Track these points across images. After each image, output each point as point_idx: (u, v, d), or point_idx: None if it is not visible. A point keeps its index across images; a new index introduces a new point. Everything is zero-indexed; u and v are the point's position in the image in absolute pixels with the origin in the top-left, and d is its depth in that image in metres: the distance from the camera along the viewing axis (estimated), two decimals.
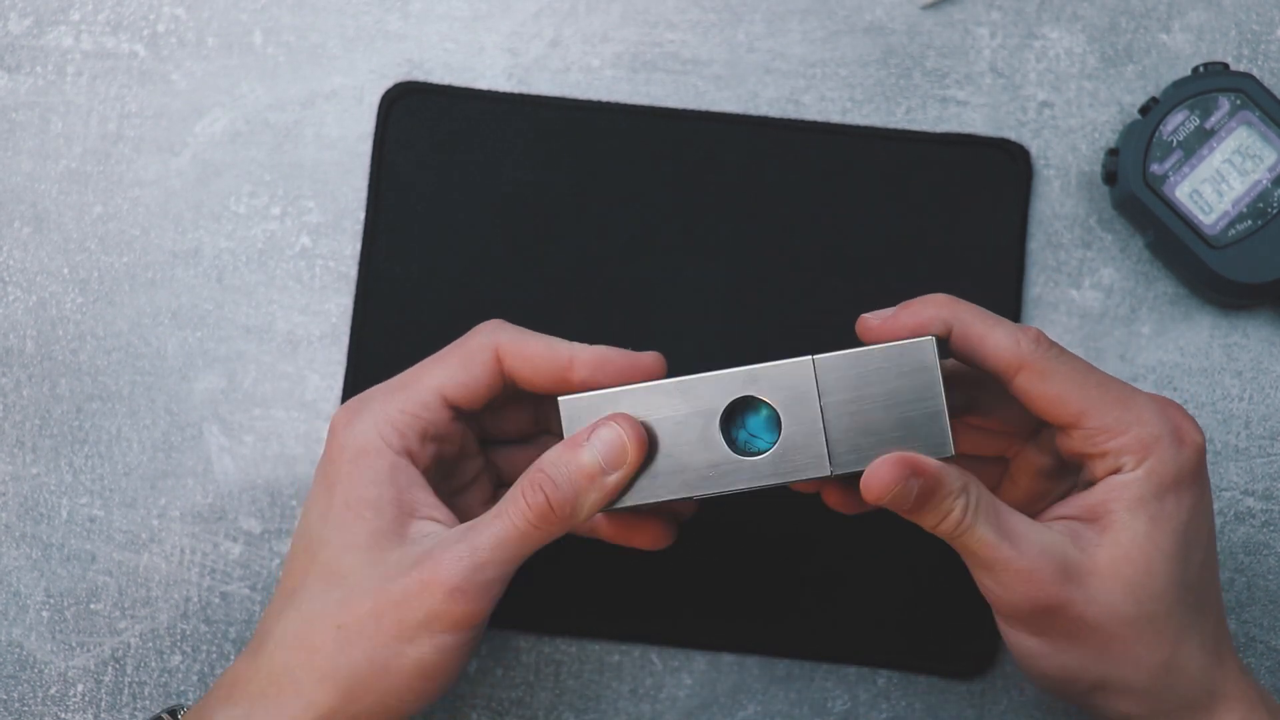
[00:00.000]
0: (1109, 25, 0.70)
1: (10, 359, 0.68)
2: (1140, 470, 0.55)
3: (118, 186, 0.69)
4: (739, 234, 0.68)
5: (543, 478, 0.55)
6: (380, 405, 0.58)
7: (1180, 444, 0.55)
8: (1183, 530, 0.55)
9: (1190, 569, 0.55)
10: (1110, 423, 0.55)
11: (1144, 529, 0.55)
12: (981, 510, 0.54)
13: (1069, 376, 0.55)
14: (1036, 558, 0.54)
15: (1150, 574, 0.55)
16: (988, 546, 0.54)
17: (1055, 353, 0.56)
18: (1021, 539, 0.55)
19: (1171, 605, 0.55)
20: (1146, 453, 0.55)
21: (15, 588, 0.67)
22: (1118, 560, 0.55)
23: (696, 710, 0.67)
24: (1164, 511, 0.55)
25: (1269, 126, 0.67)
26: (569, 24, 0.70)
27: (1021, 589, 0.54)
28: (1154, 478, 0.55)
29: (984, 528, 0.54)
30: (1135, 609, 0.55)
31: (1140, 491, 0.55)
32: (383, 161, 0.69)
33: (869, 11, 0.70)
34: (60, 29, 0.70)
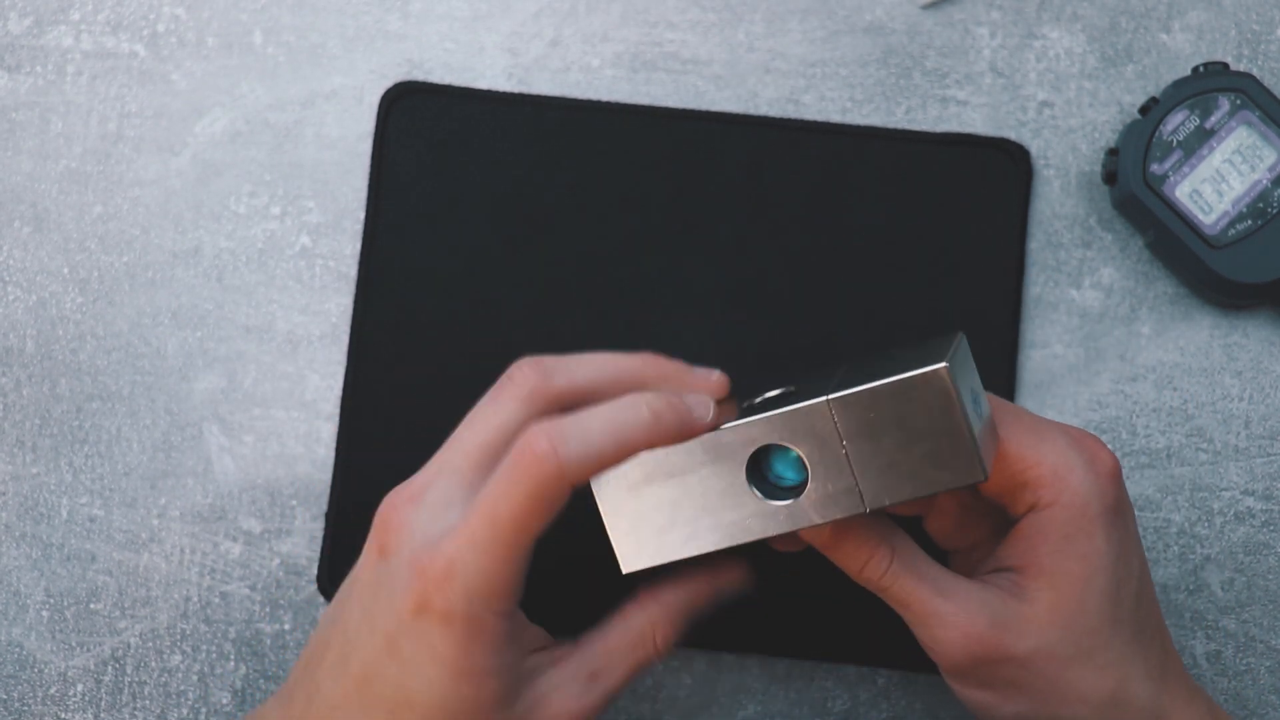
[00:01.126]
0: (1109, 25, 0.70)
1: (10, 359, 0.68)
2: (1057, 507, 0.54)
3: (118, 186, 0.69)
4: (739, 234, 0.68)
5: (675, 631, 0.57)
6: (478, 574, 0.52)
7: (1095, 473, 0.54)
8: (1112, 563, 0.54)
9: (1124, 600, 0.55)
10: (1024, 452, 0.54)
11: (1073, 568, 0.54)
12: (910, 562, 0.55)
13: None
14: (969, 610, 0.54)
15: (1085, 612, 0.54)
16: (919, 600, 0.55)
17: None
18: (953, 594, 0.55)
19: (1110, 639, 0.55)
20: (1061, 483, 0.54)
21: (15, 587, 0.67)
22: (1051, 604, 0.54)
23: (696, 710, 0.67)
24: (1090, 547, 0.54)
25: (1269, 126, 0.67)
26: (569, 24, 0.70)
27: (959, 642, 0.54)
28: (1073, 510, 0.54)
29: (913, 580, 0.55)
30: (1074, 648, 0.54)
31: (1062, 530, 0.54)
32: (383, 161, 0.69)
33: (869, 11, 0.70)
34: (60, 29, 0.70)
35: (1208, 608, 0.67)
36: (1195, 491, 0.68)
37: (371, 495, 0.67)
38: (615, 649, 0.57)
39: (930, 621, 0.55)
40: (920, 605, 0.55)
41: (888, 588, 0.55)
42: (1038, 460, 0.54)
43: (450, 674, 0.52)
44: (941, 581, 0.55)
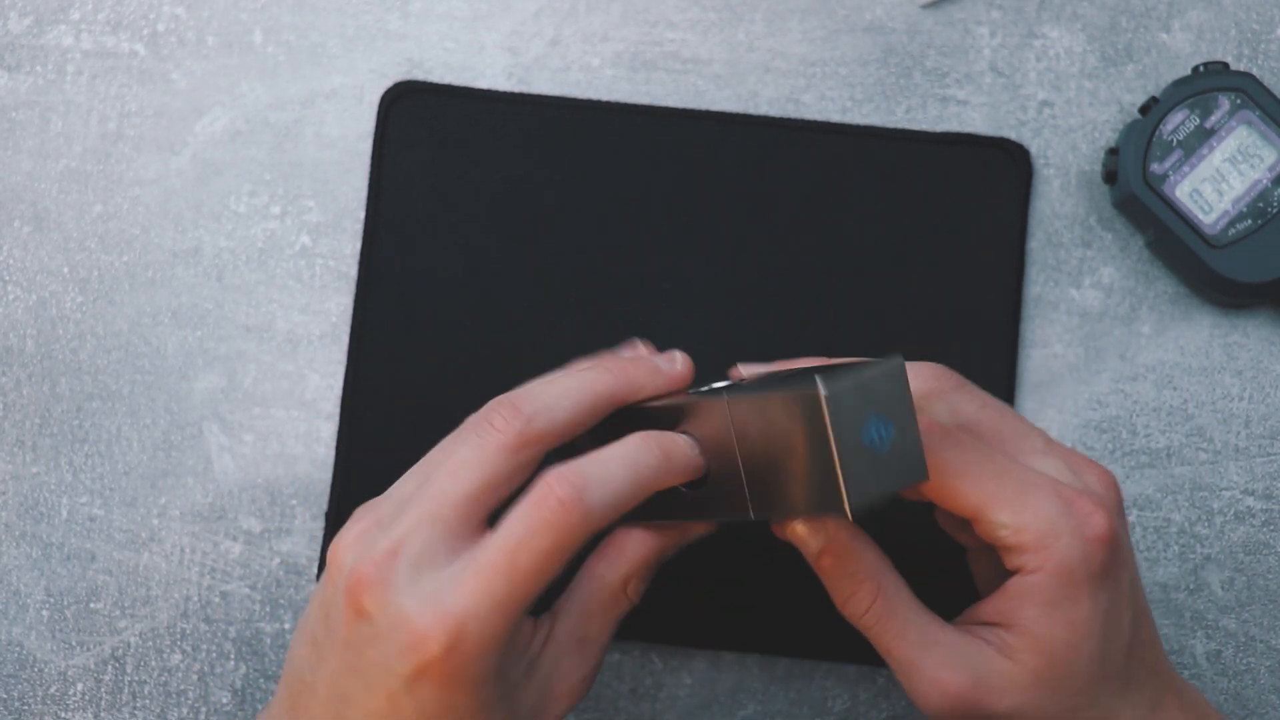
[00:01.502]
0: (1109, 24, 0.70)
1: (10, 358, 0.68)
2: (1043, 574, 0.53)
3: (118, 186, 0.69)
4: (738, 233, 0.68)
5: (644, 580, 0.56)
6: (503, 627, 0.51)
7: (1083, 539, 0.53)
8: (1100, 626, 0.53)
9: (1113, 657, 0.54)
10: (1008, 519, 0.53)
11: (1060, 635, 0.53)
12: (896, 607, 0.54)
13: (958, 471, 0.53)
14: (951, 665, 0.53)
15: (1071, 676, 0.53)
16: (901, 649, 0.54)
17: (948, 444, 0.53)
18: (934, 645, 0.54)
19: (1095, 695, 0.54)
20: (1047, 551, 0.53)
21: (15, 587, 0.67)
22: (1036, 668, 0.53)
23: (696, 710, 0.67)
24: (1077, 614, 0.53)
25: (1269, 126, 0.67)
26: (569, 23, 0.70)
27: (937, 697, 0.54)
28: (1059, 577, 0.53)
29: (898, 626, 0.54)
30: (1059, 708, 0.54)
31: (1048, 596, 0.53)
32: (383, 161, 0.69)
33: (869, 10, 0.70)
34: (60, 28, 0.70)
35: (1208, 608, 0.67)
36: (1195, 491, 0.68)
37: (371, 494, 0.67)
38: (594, 610, 0.56)
39: (910, 672, 0.54)
40: (902, 653, 0.54)
41: (869, 628, 0.55)
42: (1022, 526, 0.53)
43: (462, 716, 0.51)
44: (926, 631, 0.54)
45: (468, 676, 0.50)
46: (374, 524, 0.53)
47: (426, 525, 0.51)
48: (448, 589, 0.50)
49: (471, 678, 0.51)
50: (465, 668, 0.50)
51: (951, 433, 0.53)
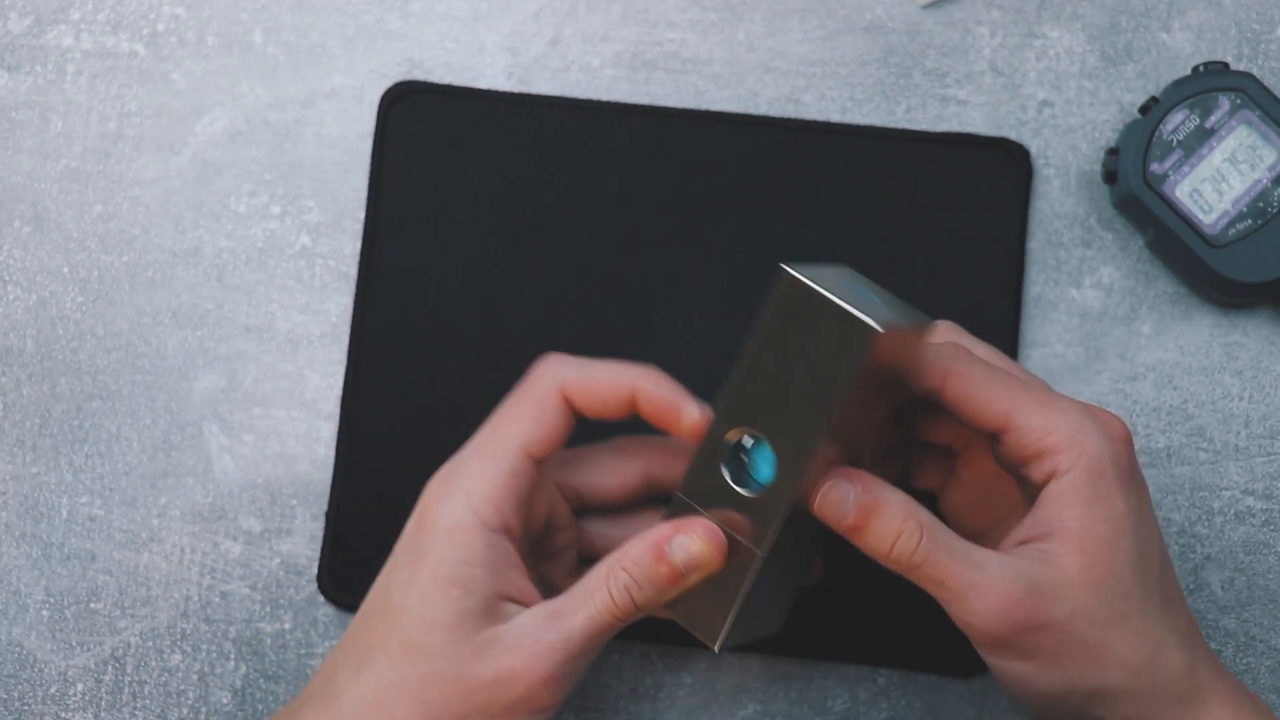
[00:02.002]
0: (1109, 24, 0.70)
1: (10, 358, 0.68)
2: (1077, 471, 0.55)
3: (118, 186, 0.69)
4: (739, 233, 0.68)
5: (629, 580, 0.56)
6: (474, 478, 0.57)
7: (1109, 437, 0.55)
8: (1134, 527, 0.55)
9: (1149, 565, 0.56)
10: (1039, 422, 0.55)
11: (1101, 530, 0.55)
12: (940, 537, 0.55)
13: (989, 379, 0.56)
14: (1006, 580, 0.54)
15: (1116, 574, 0.55)
16: (954, 574, 0.54)
17: (977, 358, 0.56)
18: (987, 564, 0.55)
19: (1142, 603, 0.55)
20: (1079, 448, 0.55)
21: (15, 587, 0.67)
22: (1083, 566, 0.54)
23: (696, 709, 0.67)
24: (1113, 510, 0.55)
25: (1269, 126, 0.67)
26: (569, 23, 0.70)
27: (999, 611, 0.54)
28: (1092, 473, 0.55)
29: (945, 555, 0.54)
30: (1109, 611, 0.55)
31: (1085, 493, 0.55)
32: (383, 160, 0.69)
33: (869, 10, 0.70)
34: (60, 28, 0.70)
35: (1208, 608, 0.67)
36: (1195, 491, 0.68)
37: (371, 494, 0.68)
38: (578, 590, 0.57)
39: (967, 594, 0.54)
40: (955, 578, 0.54)
41: (919, 564, 0.54)
42: (1052, 428, 0.55)
43: (424, 579, 0.56)
44: (973, 554, 0.55)
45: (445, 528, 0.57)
46: None
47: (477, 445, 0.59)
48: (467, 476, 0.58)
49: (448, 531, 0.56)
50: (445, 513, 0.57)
51: (975, 354, 0.56)
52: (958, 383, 0.56)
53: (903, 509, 0.55)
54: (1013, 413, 0.55)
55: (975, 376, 0.56)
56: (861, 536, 0.55)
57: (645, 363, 0.59)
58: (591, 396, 0.58)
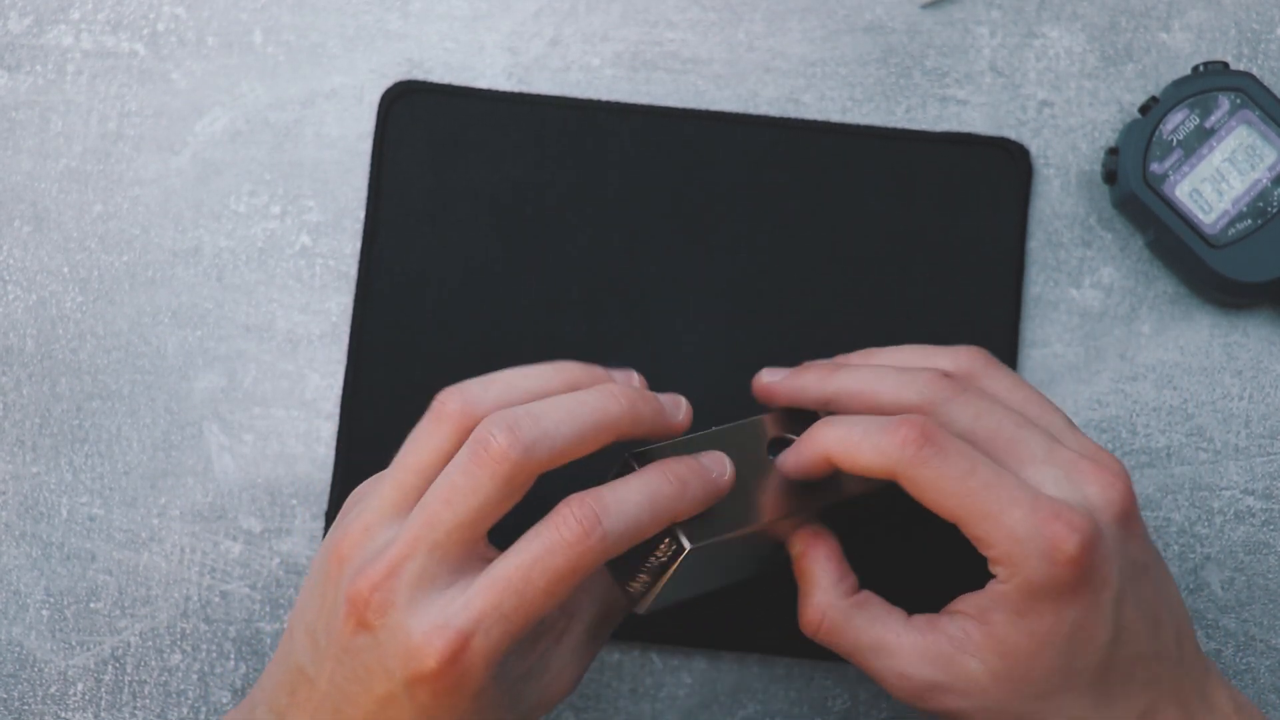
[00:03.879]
0: (1109, 24, 0.70)
1: (10, 358, 0.68)
2: (1010, 585, 0.54)
3: (118, 185, 0.69)
4: (739, 233, 0.68)
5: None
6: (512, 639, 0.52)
7: (1051, 562, 0.53)
8: (1063, 640, 0.54)
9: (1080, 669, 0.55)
10: (979, 535, 0.54)
11: (1022, 642, 0.54)
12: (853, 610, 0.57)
13: (938, 484, 0.54)
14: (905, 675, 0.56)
15: (1027, 679, 0.55)
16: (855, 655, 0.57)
17: (926, 455, 0.54)
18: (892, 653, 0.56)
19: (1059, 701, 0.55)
20: (1014, 568, 0.54)
21: (15, 586, 0.67)
22: (996, 671, 0.55)
23: (696, 709, 0.67)
24: (1040, 625, 0.54)
25: (1269, 125, 0.67)
26: (569, 23, 0.70)
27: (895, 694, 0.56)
28: (1023, 592, 0.54)
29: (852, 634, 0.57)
30: (1018, 705, 0.55)
31: (1014, 606, 0.54)
32: (383, 160, 0.69)
33: (869, 10, 0.70)
34: (60, 28, 0.70)
35: (1208, 607, 0.67)
36: (1195, 491, 0.68)
37: None
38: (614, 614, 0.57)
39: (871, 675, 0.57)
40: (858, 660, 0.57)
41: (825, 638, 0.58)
42: (993, 543, 0.54)
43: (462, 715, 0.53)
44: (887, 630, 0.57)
45: (467, 685, 0.52)
46: (364, 532, 0.54)
47: (424, 552, 0.52)
48: (454, 605, 0.52)
49: (471, 686, 0.52)
50: (464, 678, 0.52)
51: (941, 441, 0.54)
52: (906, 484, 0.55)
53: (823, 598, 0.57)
54: (960, 520, 0.54)
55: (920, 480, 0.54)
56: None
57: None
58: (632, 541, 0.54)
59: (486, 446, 0.52)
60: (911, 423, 0.54)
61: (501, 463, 0.52)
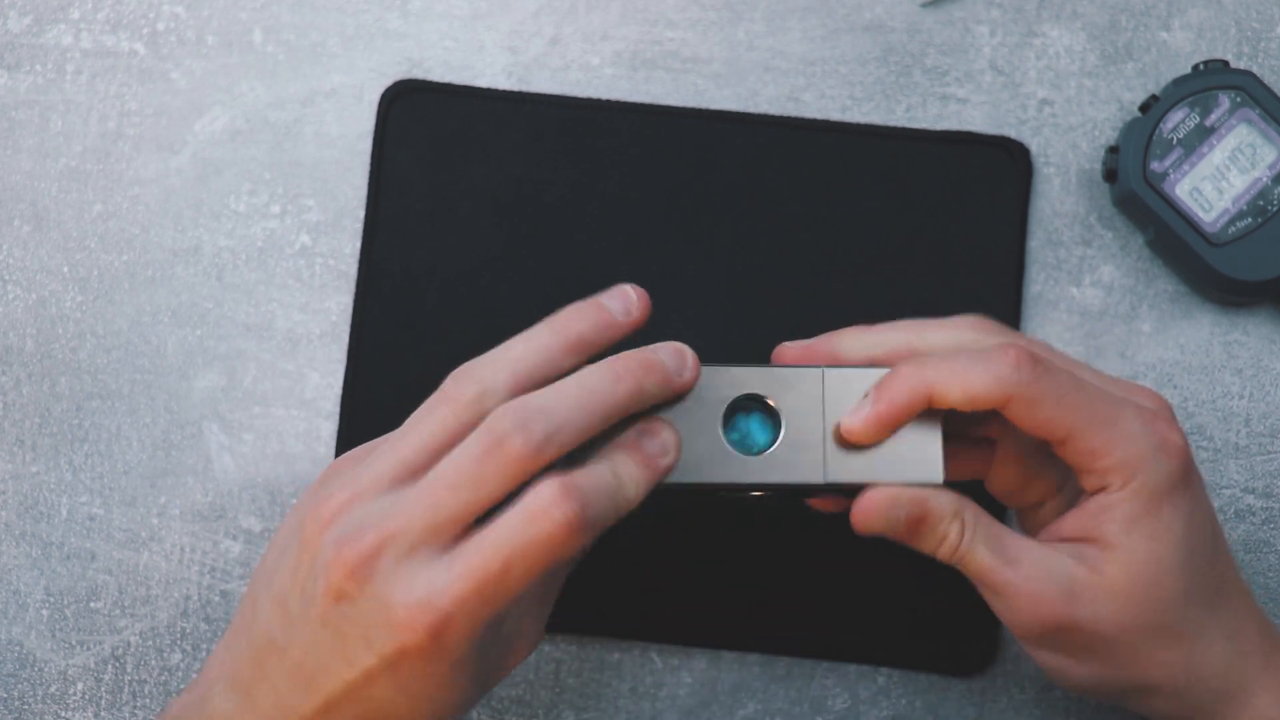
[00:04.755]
0: (1109, 23, 0.70)
1: (10, 357, 0.68)
2: (1127, 490, 0.55)
3: (117, 185, 0.69)
4: (739, 232, 0.68)
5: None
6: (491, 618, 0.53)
7: (1166, 457, 0.55)
8: (1181, 539, 0.55)
9: (1195, 572, 0.56)
10: (1096, 445, 0.55)
11: (1143, 546, 0.55)
12: (980, 533, 0.56)
13: (1055, 399, 0.55)
14: (1040, 580, 0.55)
15: (1156, 585, 0.55)
16: (989, 571, 0.56)
17: (1039, 372, 0.55)
18: (1023, 562, 0.55)
19: (1182, 610, 0.55)
20: (1132, 474, 0.55)
21: (15, 586, 0.67)
22: (1122, 578, 0.55)
23: (696, 708, 0.67)
24: (1159, 526, 0.55)
25: (1269, 124, 0.67)
26: (569, 22, 0.70)
27: (1029, 611, 0.55)
28: (1142, 495, 0.55)
29: (983, 551, 0.55)
30: (1146, 619, 0.55)
31: (1131, 510, 0.55)
32: (382, 159, 0.69)
33: (869, 9, 0.70)
34: (60, 27, 0.70)
35: None
36: None
37: None
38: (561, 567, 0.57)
39: (1001, 590, 0.56)
40: (990, 577, 0.56)
41: (960, 562, 0.56)
42: (1109, 451, 0.55)
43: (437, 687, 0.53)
44: (1012, 549, 0.56)
45: (446, 657, 0.52)
46: (353, 499, 0.53)
47: (418, 530, 0.52)
48: (437, 585, 0.51)
49: (449, 657, 0.52)
50: (444, 651, 0.52)
51: (1046, 359, 0.55)
52: (1019, 406, 0.55)
53: (948, 510, 0.56)
54: (1074, 433, 0.55)
55: (1037, 396, 0.54)
56: (911, 542, 0.56)
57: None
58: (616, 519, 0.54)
59: (501, 445, 0.52)
60: (1016, 346, 0.55)
61: (515, 462, 0.52)
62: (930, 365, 0.55)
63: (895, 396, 0.55)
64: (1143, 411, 0.55)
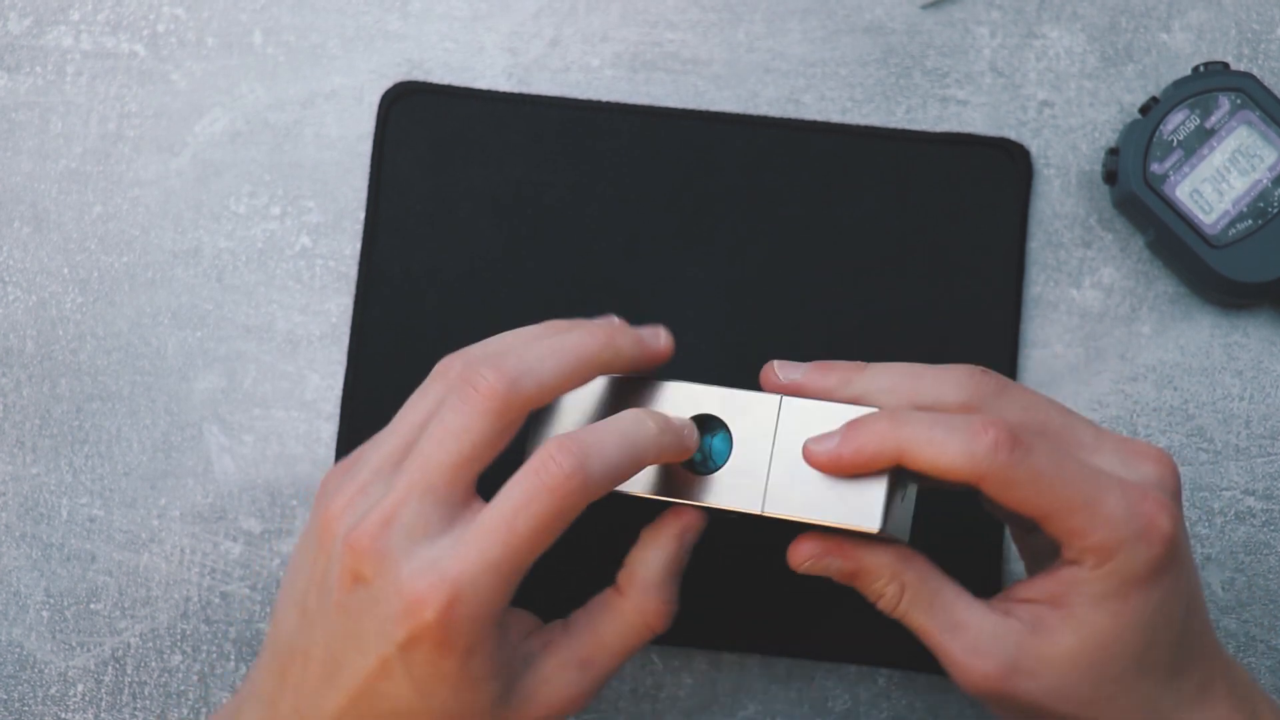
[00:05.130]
0: (1109, 24, 0.70)
1: (10, 359, 0.68)
2: (1101, 571, 0.53)
3: (117, 186, 0.69)
4: (738, 234, 0.68)
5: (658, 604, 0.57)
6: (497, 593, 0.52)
7: (1147, 544, 0.53)
8: (1148, 621, 0.53)
9: (1158, 651, 0.54)
10: (1073, 527, 0.53)
11: (1106, 624, 0.53)
12: (922, 598, 0.55)
13: (1030, 482, 0.52)
14: (979, 655, 0.54)
15: (1109, 663, 0.53)
16: (927, 636, 0.55)
17: (1018, 456, 0.52)
18: (967, 630, 0.54)
19: (1134, 683, 0.54)
20: (1108, 557, 0.53)
21: (15, 587, 0.67)
22: (1074, 651, 0.53)
23: (697, 710, 0.67)
24: (1125, 608, 0.53)
25: (1269, 126, 0.67)
26: (569, 23, 0.70)
27: (965, 679, 0.55)
28: (1114, 579, 0.53)
29: (921, 617, 0.55)
30: (1094, 693, 0.54)
31: (1101, 590, 0.53)
32: (382, 161, 0.69)
33: (869, 11, 0.70)
34: (60, 29, 0.70)
35: (1208, 607, 0.67)
36: (1196, 491, 0.67)
37: None
38: (606, 640, 0.57)
39: (943, 657, 0.55)
40: (929, 641, 0.55)
41: (901, 620, 0.56)
42: (1086, 534, 0.53)
43: (450, 687, 0.53)
44: (956, 614, 0.55)
45: (459, 642, 0.52)
46: (358, 492, 0.54)
47: (418, 495, 0.53)
48: (446, 555, 0.52)
49: (463, 644, 0.52)
50: (458, 632, 0.51)
51: (1028, 440, 0.53)
52: (994, 486, 0.53)
53: (889, 564, 0.55)
54: (1052, 516, 0.53)
55: (1014, 479, 0.52)
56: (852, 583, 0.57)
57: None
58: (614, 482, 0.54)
59: (475, 385, 0.53)
60: (997, 425, 0.52)
61: (490, 398, 0.53)
62: (908, 426, 0.53)
63: (864, 446, 0.54)
64: (1130, 491, 0.53)
